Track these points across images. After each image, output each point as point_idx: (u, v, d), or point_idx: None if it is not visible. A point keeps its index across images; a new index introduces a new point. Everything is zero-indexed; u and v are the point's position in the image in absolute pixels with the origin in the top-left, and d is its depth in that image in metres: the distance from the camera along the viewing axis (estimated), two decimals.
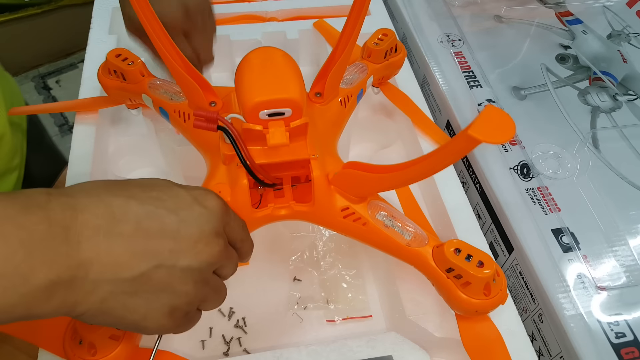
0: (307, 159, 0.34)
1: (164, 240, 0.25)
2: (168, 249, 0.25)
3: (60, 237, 0.22)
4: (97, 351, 0.30)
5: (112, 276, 0.24)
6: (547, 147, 0.48)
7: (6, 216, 0.21)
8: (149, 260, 0.25)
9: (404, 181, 0.32)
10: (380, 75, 0.48)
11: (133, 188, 0.26)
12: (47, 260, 0.22)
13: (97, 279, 0.23)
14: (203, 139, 0.39)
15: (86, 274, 0.23)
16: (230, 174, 0.35)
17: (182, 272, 0.25)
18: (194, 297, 0.26)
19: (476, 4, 0.66)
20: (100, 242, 0.23)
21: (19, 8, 1.39)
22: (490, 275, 0.32)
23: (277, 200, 0.36)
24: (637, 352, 0.36)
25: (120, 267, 0.24)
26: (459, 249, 0.33)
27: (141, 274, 0.24)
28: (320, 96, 0.41)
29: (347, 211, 0.35)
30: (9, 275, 0.21)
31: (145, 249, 0.24)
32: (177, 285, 0.25)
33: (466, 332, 0.35)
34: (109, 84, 0.44)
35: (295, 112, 0.32)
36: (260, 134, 0.32)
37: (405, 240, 0.35)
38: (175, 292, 0.26)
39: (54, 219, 0.22)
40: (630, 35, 0.62)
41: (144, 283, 0.25)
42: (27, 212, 0.22)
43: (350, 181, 0.34)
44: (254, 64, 0.33)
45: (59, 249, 0.22)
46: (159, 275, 0.25)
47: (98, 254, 0.23)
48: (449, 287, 0.34)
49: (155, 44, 0.34)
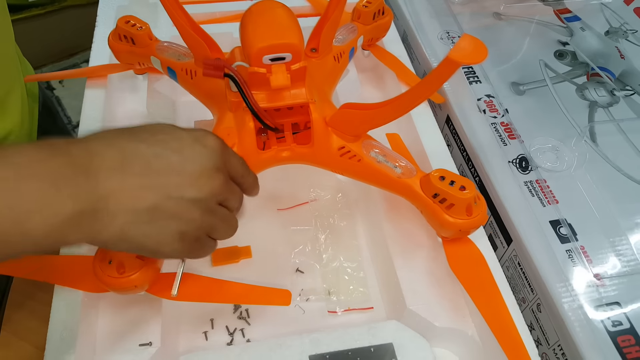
0: (307, 103, 0.38)
1: (170, 176, 0.29)
2: (175, 183, 0.29)
3: (82, 176, 0.26)
4: (125, 270, 0.33)
5: (127, 207, 0.27)
6: (545, 141, 0.49)
7: (37, 159, 0.25)
8: (158, 193, 0.28)
9: (396, 113, 0.36)
10: (369, 36, 0.53)
11: (142, 133, 0.29)
12: (73, 195, 0.25)
13: (115, 209, 0.27)
14: (210, 91, 0.43)
15: (106, 206, 0.27)
16: (237, 120, 0.39)
17: (188, 202, 0.29)
18: (201, 223, 0.30)
19: (476, 2, 0.67)
20: (115, 179, 0.27)
21: (22, 9, 1.40)
22: (471, 196, 0.35)
23: (280, 144, 0.40)
24: (633, 340, 0.37)
25: (134, 199, 0.27)
26: (443, 176, 0.36)
27: (153, 204, 0.28)
28: (316, 51, 0.44)
29: (343, 150, 0.39)
30: (44, 209, 0.25)
31: (154, 184, 0.28)
32: (185, 213, 0.29)
33: (452, 254, 0.38)
34: (119, 49, 0.48)
35: (295, 56, 0.35)
36: (264, 77, 0.35)
37: (396, 174, 0.39)
38: (183, 219, 0.29)
39: (76, 162, 0.26)
40: (628, 32, 0.63)
41: (156, 213, 0.28)
42: (53, 156, 0.26)
43: (346, 120, 0.38)
44: (257, 14, 0.36)
45: (82, 185, 0.26)
46: (169, 206, 0.28)
47: (114, 189, 0.27)
48: (435, 211, 0.37)
49: (164, 4, 0.37)
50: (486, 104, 0.53)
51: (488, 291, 0.36)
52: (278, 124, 0.39)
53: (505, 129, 0.50)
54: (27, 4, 1.40)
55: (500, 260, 0.46)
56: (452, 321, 0.39)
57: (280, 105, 0.38)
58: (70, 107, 1.53)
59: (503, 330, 0.34)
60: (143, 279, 0.34)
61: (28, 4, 1.40)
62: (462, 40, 0.29)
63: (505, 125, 0.51)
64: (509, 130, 0.50)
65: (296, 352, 0.34)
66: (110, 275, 0.33)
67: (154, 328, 0.38)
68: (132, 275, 0.33)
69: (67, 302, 0.37)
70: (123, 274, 0.33)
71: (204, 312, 0.44)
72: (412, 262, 0.42)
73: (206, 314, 0.44)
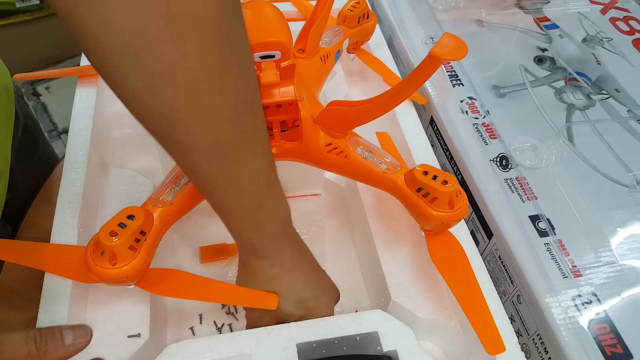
0: (295, 100, 0.39)
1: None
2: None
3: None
4: (117, 261, 0.33)
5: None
6: (525, 140, 0.51)
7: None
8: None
9: (381, 110, 0.37)
10: (354, 39, 0.55)
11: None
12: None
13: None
14: None
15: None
16: None
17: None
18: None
19: (459, 9, 0.69)
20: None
21: (9, 14, 1.40)
22: (453, 190, 0.37)
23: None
24: (609, 328, 0.38)
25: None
26: (427, 171, 0.38)
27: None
28: (303, 52, 0.46)
29: (330, 146, 0.40)
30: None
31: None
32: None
33: (433, 247, 0.39)
34: None
35: (284, 54, 0.37)
36: None
37: (381, 169, 0.40)
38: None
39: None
40: (604, 40, 0.65)
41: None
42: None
43: (334, 117, 0.39)
44: (247, 14, 0.37)
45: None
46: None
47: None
48: (418, 205, 0.38)
49: None
50: (468, 105, 0.54)
51: (465, 279, 0.37)
52: (267, 122, 0.40)
53: (487, 129, 0.52)
54: (14, 10, 1.39)
55: (482, 254, 0.47)
56: (435, 313, 0.40)
57: (269, 103, 0.39)
58: (56, 114, 1.53)
59: (477, 315, 0.35)
60: (134, 271, 0.34)
61: (15, 10, 1.40)
62: (444, 38, 0.30)
63: (486, 126, 0.52)
64: (490, 131, 0.52)
65: (284, 340, 0.35)
66: (102, 266, 0.33)
67: (143, 320, 0.38)
68: (124, 266, 0.34)
69: (57, 293, 0.37)
70: (115, 265, 0.34)
71: (193, 307, 0.45)
72: (397, 256, 0.43)
73: (195, 308, 0.45)
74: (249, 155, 0.31)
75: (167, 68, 0.24)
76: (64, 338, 0.35)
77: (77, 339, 0.35)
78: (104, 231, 0.34)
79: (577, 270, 0.41)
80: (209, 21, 0.24)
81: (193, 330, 0.44)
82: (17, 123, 0.55)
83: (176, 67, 0.24)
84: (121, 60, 0.23)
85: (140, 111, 0.26)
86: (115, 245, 0.33)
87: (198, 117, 0.27)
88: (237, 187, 0.32)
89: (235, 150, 0.29)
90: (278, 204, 0.35)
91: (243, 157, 0.30)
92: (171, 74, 0.24)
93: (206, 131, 0.27)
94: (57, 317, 0.36)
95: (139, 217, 0.35)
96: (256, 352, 0.35)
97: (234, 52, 0.26)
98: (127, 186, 0.48)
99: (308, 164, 0.43)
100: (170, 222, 0.38)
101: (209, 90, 0.26)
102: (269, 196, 0.34)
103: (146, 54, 0.23)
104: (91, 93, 0.51)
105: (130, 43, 0.22)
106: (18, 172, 0.54)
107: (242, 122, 0.29)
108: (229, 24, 0.25)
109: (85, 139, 0.47)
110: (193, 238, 0.49)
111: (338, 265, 0.48)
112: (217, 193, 0.32)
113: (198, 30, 0.23)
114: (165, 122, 0.27)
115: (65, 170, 0.44)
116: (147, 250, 0.35)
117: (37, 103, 1.54)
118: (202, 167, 0.30)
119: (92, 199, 0.46)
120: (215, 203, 0.33)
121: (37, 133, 0.62)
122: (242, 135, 0.29)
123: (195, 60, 0.24)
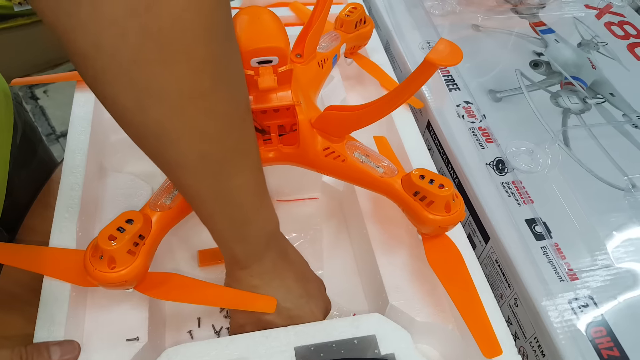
0: (293, 105, 0.39)
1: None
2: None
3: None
4: (116, 265, 0.34)
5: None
6: (521, 144, 0.51)
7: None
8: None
9: (378, 114, 0.37)
10: (351, 44, 0.55)
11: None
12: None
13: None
14: None
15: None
16: None
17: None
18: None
19: (455, 14, 0.69)
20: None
21: (8, 18, 1.40)
22: (449, 193, 0.37)
23: (267, 145, 0.41)
24: (605, 331, 0.39)
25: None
26: (423, 175, 0.38)
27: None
28: (301, 57, 0.46)
29: (328, 150, 0.40)
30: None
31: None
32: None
33: (431, 250, 0.40)
34: None
35: (282, 59, 0.37)
36: (251, 79, 0.37)
37: (378, 173, 0.40)
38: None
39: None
40: (599, 44, 0.66)
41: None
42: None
43: (331, 122, 0.39)
44: (245, 19, 0.38)
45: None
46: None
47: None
48: (415, 209, 0.38)
49: None
50: (465, 109, 0.55)
51: (462, 282, 0.37)
52: (265, 126, 0.40)
53: (483, 134, 0.52)
54: (12, 13, 1.39)
55: (479, 258, 0.47)
56: (433, 316, 0.40)
57: (267, 107, 0.39)
58: (54, 117, 1.53)
59: (475, 318, 0.35)
60: (133, 274, 0.34)
61: (13, 13, 1.40)
62: (439, 43, 0.30)
63: (482, 130, 0.53)
64: (487, 135, 0.52)
65: (282, 344, 0.35)
66: (101, 270, 0.34)
67: (142, 324, 0.38)
68: (123, 270, 0.34)
69: (55, 296, 0.37)
70: (114, 269, 0.34)
71: (191, 311, 0.45)
72: (395, 260, 0.43)
73: (193, 312, 0.45)
74: (235, 171, 0.31)
75: (157, 88, 0.25)
76: (51, 354, 0.34)
77: (65, 355, 0.35)
78: (102, 235, 0.34)
79: (574, 273, 0.42)
80: (199, 45, 0.24)
81: (191, 333, 0.44)
82: (15, 130, 0.55)
83: (166, 87, 0.25)
84: (112, 79, 0.24)
85: (130, 126, 0.27)
86: (114, 249, 0.33)
87: (185, 135, 0.27)
88: (223, 202, 0.32)
89: (221, 166, 0.30)
90: (265, 217, 0.36)
91: (229, 172, 0.31)
92: (161, 93, 0.25)
93: (192, 148, 0.28)
94: (56, 321, 0.36)
95: (137, 221, 0.35)
96: (254, 355, 0.35)
97: (223, 76, 0.27)
98: (125, 190, 0.48)
99: (306, 168, 0.43)
100: (169, 226, 0.39)
101: (197, 111, 0.26)
102: (256, 210, 0.35)
103: (137, 74, 0.24)
104: (89, 98, 0.51)
105: (122, 63, 0.23)
106: (16, 180, 0.54)
107: (229, 140, 0.30)
108: (221, 48, 0.26)
109: (84, 143, 0.47)
110: (191, 242, 0.49)
111: (336, 268, 0.48)
112: (204, 206, 0.33)
113: (188, 55, 0.24)
114: (153, 138, 0.27)
115: (63, 174, 0.45)
116: (146, 254, 0.35)
117: (35, 106, 1.54)
118: (189, 181, 0.31)
119: (91, 203, 0.46)
120: (202, 215, 0.34)
121: (35, 140, 0.62)
122: (229, 153, 0.30)
123: (184, 82, 0.25)
